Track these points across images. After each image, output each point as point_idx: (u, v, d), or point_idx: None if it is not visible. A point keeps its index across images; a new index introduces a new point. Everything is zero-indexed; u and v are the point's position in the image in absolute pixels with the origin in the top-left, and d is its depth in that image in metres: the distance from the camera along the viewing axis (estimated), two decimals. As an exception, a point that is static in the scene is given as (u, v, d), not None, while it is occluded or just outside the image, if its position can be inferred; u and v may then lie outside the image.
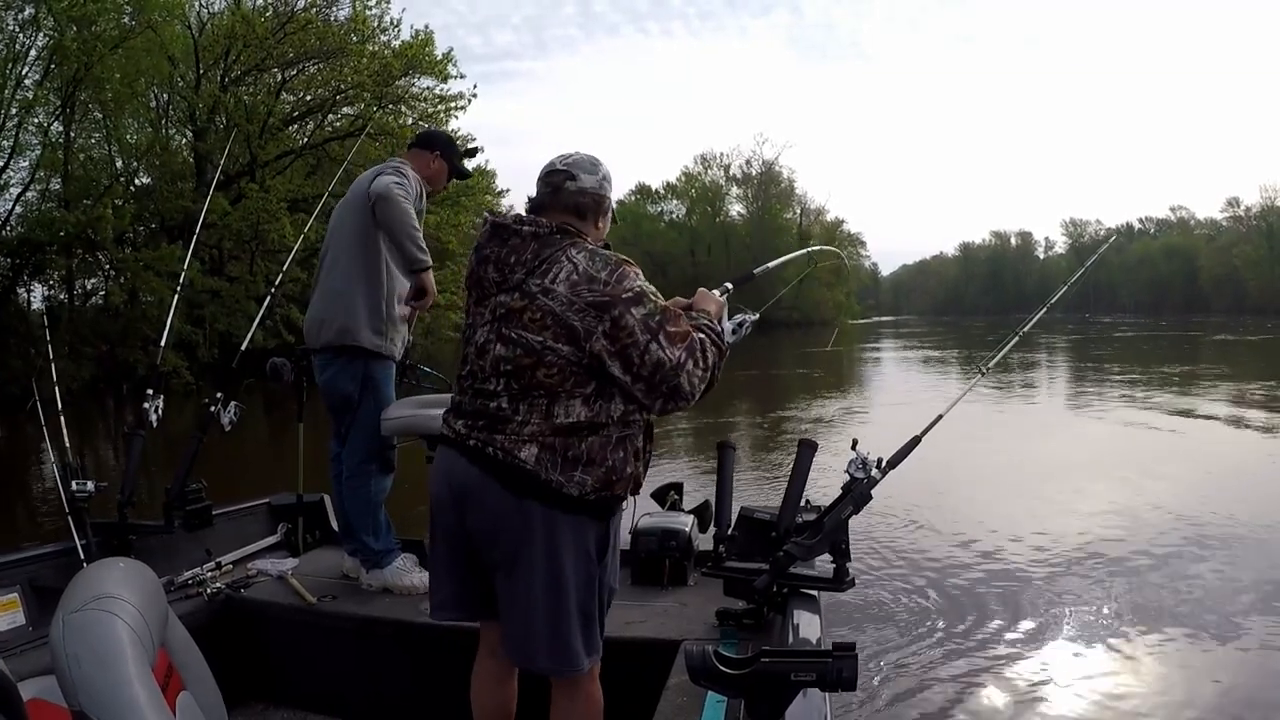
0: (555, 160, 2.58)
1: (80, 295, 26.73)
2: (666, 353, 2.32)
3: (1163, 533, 7.66)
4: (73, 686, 1.52)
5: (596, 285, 2.33)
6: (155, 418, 3.97)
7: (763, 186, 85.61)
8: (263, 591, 3.86)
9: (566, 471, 2.34)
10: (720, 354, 2.48)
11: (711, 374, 2.42)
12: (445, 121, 30.46)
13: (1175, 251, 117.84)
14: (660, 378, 2.33)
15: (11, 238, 22.88)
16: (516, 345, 2.37)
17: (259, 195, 25.57)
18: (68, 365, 20.34)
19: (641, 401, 2.40)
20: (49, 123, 23.96)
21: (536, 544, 2.36)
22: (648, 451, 2.56)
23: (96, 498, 3.76)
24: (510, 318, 2.40)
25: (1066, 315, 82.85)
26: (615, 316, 2.31)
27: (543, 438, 2.35)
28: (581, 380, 2.36)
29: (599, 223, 2.59)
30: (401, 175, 3.82)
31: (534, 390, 2.36)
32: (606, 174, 2.60)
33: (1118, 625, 5.61)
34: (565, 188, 2.51)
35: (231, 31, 26.79)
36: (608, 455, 2.38)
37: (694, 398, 2.40)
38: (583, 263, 2.36)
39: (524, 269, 2.40)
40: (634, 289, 2.35)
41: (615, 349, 2.32)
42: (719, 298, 2.79)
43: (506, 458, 2.35)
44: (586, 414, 2.36)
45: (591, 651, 2.47)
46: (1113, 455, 11.81)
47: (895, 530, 7.79)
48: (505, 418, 2.38)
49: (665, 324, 2.34)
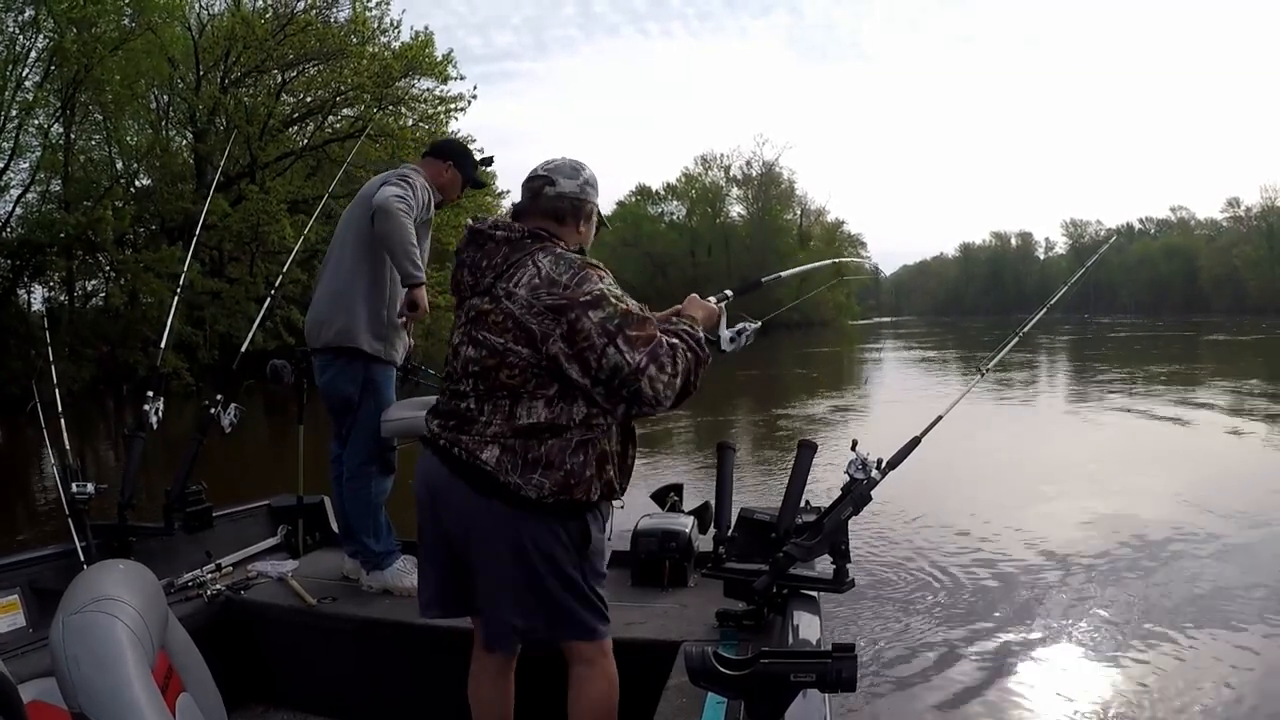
0: (539, 166, 2.64)
1: (81, 297, 26.72)
2: (625, 356, 2.31)
3: (1168, 532, 7.67)
4: (73, 688, 1.52)
5: (556, 289, 2.36)
6: (155, 419, 3.98)
7: (763, 187, 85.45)
8: (263, 593, 3.86)
9: (525, 474, 2.37)
10: (698, 360, 2.46)
11: (685, 379, 2.40)
12: (445, 123, 30.47)
13: (1175, 252, 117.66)
14: (620, 381, 2.33)
15: (12, 239, 22.87)
16: (483, 347, 2.43)
17: (259, 197, 25.54)
18: (68, 367, 20.36)
19: (602, 406, 2.42)
20: (49, 124, 23.96)
21: (505, 541, 2.41)
22: (630, 456, 2.59)
23: (96, 500, 3.76)
24: (479, 320, 2.46)
25: (1065, 315, 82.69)
26: (572, 320, 2.33)
27: (504, 439, 2.39)
28: (543, 382, 2.39)
29: (580, 227, 2.62)
30: (406, 185, 3.81)
31: (498, 391, 2.40)
32: (589, 179, 2.64)
33: (1124, 626, 5.59)
34: (544, 193, 2.57)
35: (231, 33, 26.76)
36: (566, 459, 2.39)
37: (660, 403, 2.38)
38: (546, 266, 2.40)
39: (493, 273, 2.47)
40: (593, 292, 2.36)
41: (572, 352, 2.34)
42: (713, 304, 2.82)
43: (469, 459, 2.40)
44: (548, 415, 2.39)
45: (592, 622, 2.52)
46: (1111, 455, 11.81)
47: (898, 529, 7.79)
48: (472, 418, 2.43)
49: (625, 327, 2.33)
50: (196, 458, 4.01)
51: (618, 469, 2.52)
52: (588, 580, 2.50)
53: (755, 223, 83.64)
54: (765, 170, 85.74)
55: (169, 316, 5.09)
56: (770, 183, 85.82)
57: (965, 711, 4.58)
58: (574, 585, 2.47)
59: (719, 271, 75.96)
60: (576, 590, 2.48)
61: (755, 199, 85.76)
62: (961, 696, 4.71)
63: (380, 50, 28.91)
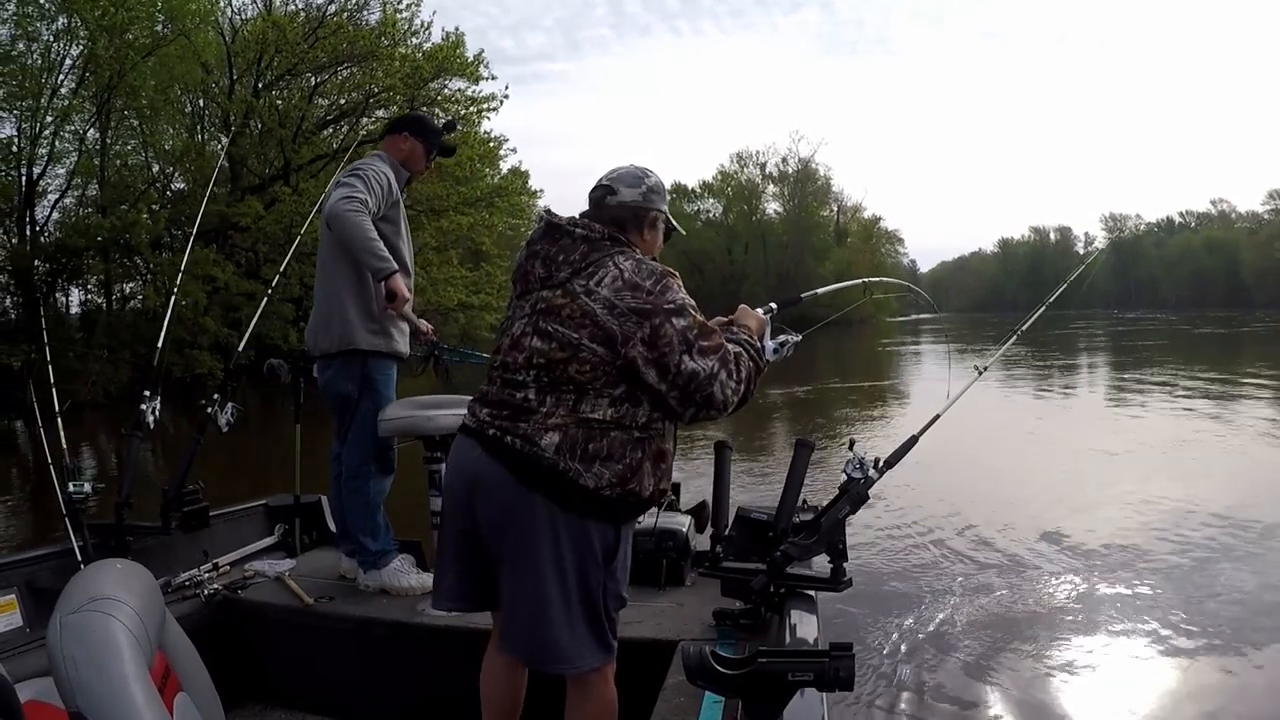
0: (604, 175, 2.69)
1: (118, 299, 27.00)
2: (700, 364, 2.38)
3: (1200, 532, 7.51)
4: (70, 688, 1.54)
5: (640, 293, 2.40)
6: (153, 419, 4.00)
7: (799, 184, 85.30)
8: (260, 593, 3.88)
9: (586, 463, 2.38)
10: (757, 369, 2.56)
11: (746, 387, 2.49)
12: (478, 123, 30.62)
13: (1217, 245, 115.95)
14: (695, 387, 2.39)
15: (48, 244, 23.17)
16: (553, 339, 2.42)
17: (291, 199, 25.72)
18: (105, 368, 20.65)
19: (674, 409, 2.45)
20: (85, 130, 24.26)
21: (543, 540, 2.38)
22: (668, 464, 2.58)
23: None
24: (550, 313, 2.46)
25: (1094, 311, 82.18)
26: (656, 325, 2.38)
27: (566, 428, 2.38)
28: (612, 381, 2.41)
29: (645, 234, 2.67)
30: (355, 178, 3.84)
31: (564, 384, 2.41)
32: (654, 186, 2.68)
33: (1152, 629, 5.48)
34: (606, 202, 2.62)
35: (263, 37, 26.96)
36: (627, 453, 2.41)
37: (727, 408, 2.45)
38: (629, 270, 2.44)
39: (570, 268, 2.48)
40: (676, 301, 2.43)
41: (652, 356, 2.38)
42: (761, 315, 2.86)
43: (526, 446, 2.39)
44: (613, 414, 2.41)
45: (598, 651, 2.48)
46: (1108, 456, 11.50)
47: (899, 527, 7.79)
48: (531, 409, 2.42)
49: (700, 339, 2.41)
50: (194, 457, 4.02)
51: (669, 471, 2.57)
52: (606, 600, 2.50)
53: (792, 220, 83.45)
54: (801, 167, 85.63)
55: (165, 317, 5.06)
56: (806, 179, 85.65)
57: (966, 711, 4.52)
58: (591, 601, 2.46)
59: (756, 269, 76.05)
60: (592, 607, 2.46)
61: (791, 196, 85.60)
62: (962, 696, 4.66)
63: (411, 52, 29.04)
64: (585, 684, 2.53)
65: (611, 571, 2.49)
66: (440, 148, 4.36)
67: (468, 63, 29.21)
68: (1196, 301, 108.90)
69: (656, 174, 2.72)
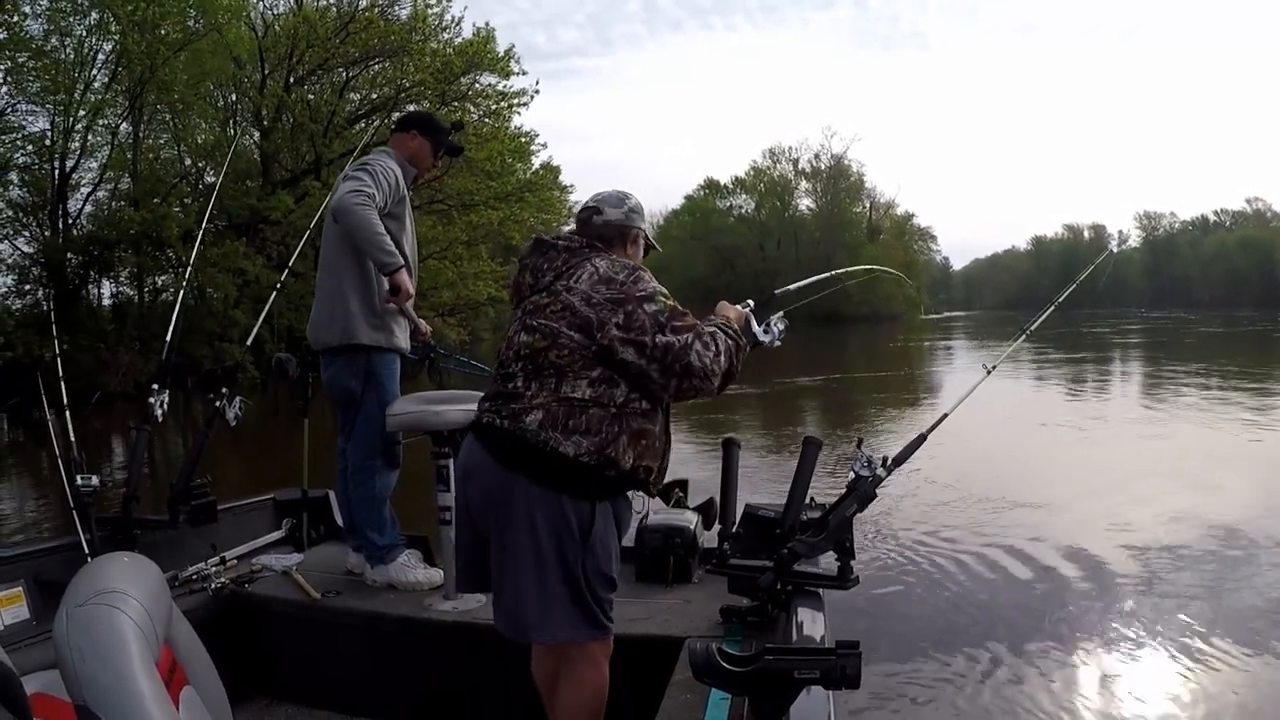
0: (590, 198, 2.96)
1: (150, 292, 27.25)
2: (673, 338, 2.54)
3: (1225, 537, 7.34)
4: (76, 681, 1.53)
5: (614, 285, 2.62)
6: (160, 413, 4.01)
7: (832, 180, 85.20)
8: (267, 587, 3.88)
9: (565, 433, 2.52)
10: (737, 345, 2.67)
11: (729, 359, 2.61)
12: (509, 118, 30.78)
13: (1252, 244, 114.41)
14: (672, 357, 2.53)
15: (81, 237, 23.41)
16: (536, 332, 2.63)
17: (321, 193, 25.87)
18: (135, 359, 20.85)
19: (657, 381, 2.57)
20: (117, 124, 24.52)
21: (520, 517, 2.52)
22: (659, 444, 2.69)
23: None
24: (536, 312, 2.68)
25: (1122, 310, 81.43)
26: (629, 311, 2.57)
27: (548, 406, 2.54)
28: (589, 364, 2.57)
29: (628, 249, 2.90)
30: (364, 173, 3.83)
31: (546, 369, 2.58)
32: (634, 206, 2.95)
33: (1172, 635, 5.33)
34: (591, 220, 2.88)
35: (295, 32, 27.15)
36: (604, 428, 2.54)
37: (709, 379, 2.56)
38: (603, 267, 2.67)
39: (554, 274, 2.72)
40: (648, 290, 2.62)
41: (629, 337, 2.54)
42: (739, 309, 2.95)
43: (511, 424, 2.56)
44: (591, 394, 2.55)
45: (579, 625, 2.57)
46: (1113, 455, 11.31)
47: (902, 525, 7.70)
48: (518, 394, 2.60)
49: (672, 319, 2.58)
50: (203, 451, 4.03)
51: (652, 451, 2.65)
52: (587, 576, 2.56)
53: (824, 216, 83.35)
54: (834, 163, 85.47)
55: (175, 311, 5.05)
56: (839, 175, 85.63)
57: (967, 711, 4.47)
58: (571, 578, 2.54)
59: (788, 264, 75.70)
60: (572, 583, 2.55)
61: (824, 192, 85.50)
62: (964, 697, 4.60)
63: (442, 47, 29.20)
64: (569, 662, 2.66)
65: (590, 548, 2.56)
66: (448, 147, 4.37)
67: (498, 58, 29.33)
68: (1230, 301, 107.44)
69: (636, 196, 2.96)
